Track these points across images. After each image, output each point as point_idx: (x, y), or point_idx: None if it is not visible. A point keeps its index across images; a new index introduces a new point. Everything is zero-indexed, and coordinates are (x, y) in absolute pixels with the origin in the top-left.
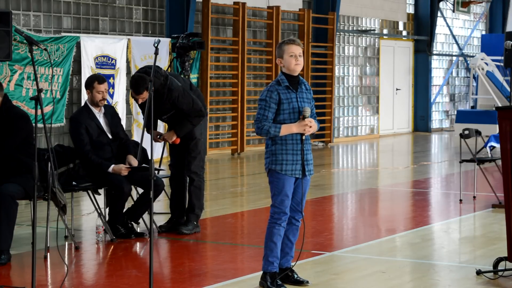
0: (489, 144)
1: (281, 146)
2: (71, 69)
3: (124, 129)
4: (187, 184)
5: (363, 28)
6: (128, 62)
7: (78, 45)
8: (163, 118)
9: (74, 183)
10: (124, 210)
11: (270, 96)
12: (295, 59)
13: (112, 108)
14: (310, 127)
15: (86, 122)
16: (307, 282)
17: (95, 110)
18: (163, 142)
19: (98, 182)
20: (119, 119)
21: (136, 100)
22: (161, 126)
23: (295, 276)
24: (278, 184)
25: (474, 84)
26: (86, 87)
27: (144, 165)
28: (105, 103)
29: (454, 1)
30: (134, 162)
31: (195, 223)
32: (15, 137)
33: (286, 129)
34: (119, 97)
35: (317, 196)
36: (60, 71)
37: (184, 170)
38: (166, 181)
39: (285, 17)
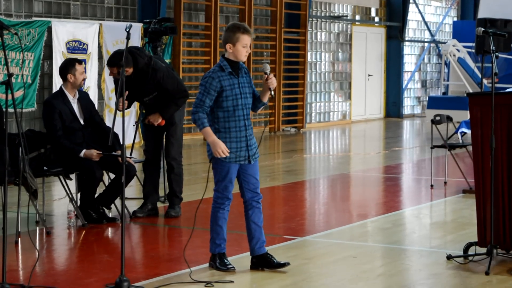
0: (460, 130)
1: (224, 135)
2: (42, 53)
3: None
4: (167, 171)
5: (336, 14)
6: (100, 47)
7: (50, 30)
8: (145, 100)
9: (45, 168)
10: (96, 195)
11: (211, 83)
12: (246, 50)
13: (85, 94)
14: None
15: (60, 107)
16: (288, 263)
17: (69, 96)
18: (136, 127)
19: (70, 167)
20: (93, 104)
21: (114, 75)
22: (134, 106)
23: (275, 260)
24: (222, 171)
25: (446, 70)
26: (67, 72)
27: (114, 153)
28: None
29: None
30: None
31: (179, 206)
32: None
33: (206, 134)
34: (91, 82)
35: (289, 182)
36: (31, 56)
37: (160, 155)
38: (138, 166)
39: (257, 2)
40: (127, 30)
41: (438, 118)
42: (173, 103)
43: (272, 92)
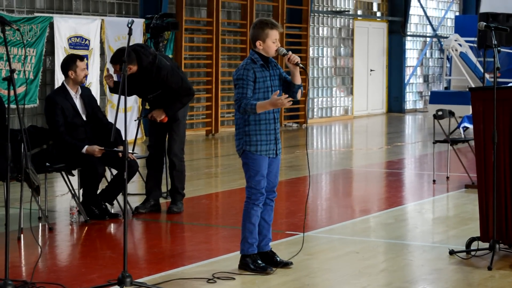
0: (462, 125)
1: (254, 127)
2: (44, 49)
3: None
4: (169, 167)
5: (337, 9)
6: (101, 42)
7: (51, 26)
8: (148, 97)
9: (47, 164)
10: (98, 191)
11: (247, 74)
12: (276, 45)
13: (88, 90)
14: (288, 99)
15: (62, 103)
16: (291, 263)
17: (71, 92)
18: (138, 122)
19: (72, 163)
20: (95, 100)
21: (117, 73)
22: (136, 101)
23: (278, 258)
24: (254, 165)
25: (448, 65)
26: (68, 68)
27: (116, 149)
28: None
29: None
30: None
31: (182, 202)
32: None
33: (261, 107)
34: (93, 78)
35: (291, 177)
36: (33, 52)
37: (163, 151)
38: (140, 162)
39: None
40: (129, 25)
41: (440, 113)
42: (178, 101)
43: (301, 65)
